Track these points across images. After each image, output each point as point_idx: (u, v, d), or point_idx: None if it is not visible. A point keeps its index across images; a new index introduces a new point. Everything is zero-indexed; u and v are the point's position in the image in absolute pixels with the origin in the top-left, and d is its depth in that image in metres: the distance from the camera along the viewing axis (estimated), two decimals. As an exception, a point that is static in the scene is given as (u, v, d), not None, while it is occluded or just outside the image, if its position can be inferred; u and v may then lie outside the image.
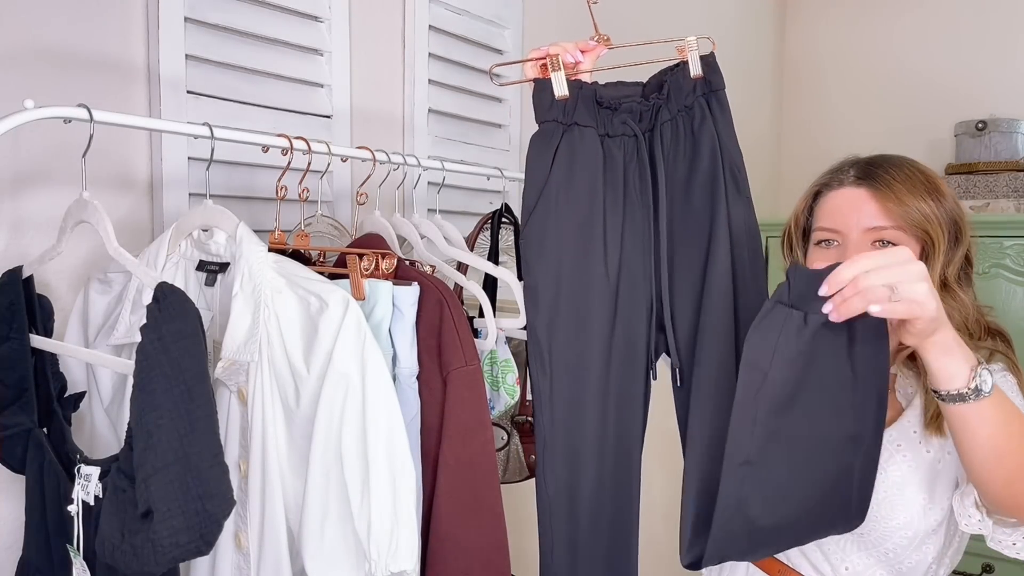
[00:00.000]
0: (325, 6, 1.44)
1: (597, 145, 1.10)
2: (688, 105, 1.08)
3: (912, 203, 1.04)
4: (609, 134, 1.11)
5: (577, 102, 1.09)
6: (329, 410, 0.87)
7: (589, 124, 1.10)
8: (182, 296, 0.80)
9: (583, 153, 1.09)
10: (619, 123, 1.11)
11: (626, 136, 1.11)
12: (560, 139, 1.09)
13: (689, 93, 1.08)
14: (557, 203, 1.09)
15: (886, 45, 2.97)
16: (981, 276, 2.30)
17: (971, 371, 0.85)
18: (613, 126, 1.11)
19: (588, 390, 1.10)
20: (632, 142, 1.11)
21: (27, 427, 0.95)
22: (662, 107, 1.10)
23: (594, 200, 1.09)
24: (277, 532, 0.90)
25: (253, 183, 1.31)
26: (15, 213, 1.07)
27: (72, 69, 1.12)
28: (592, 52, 1.13)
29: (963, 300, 1.06)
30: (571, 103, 1.09)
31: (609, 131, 1.11)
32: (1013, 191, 2.49)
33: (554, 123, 1.10)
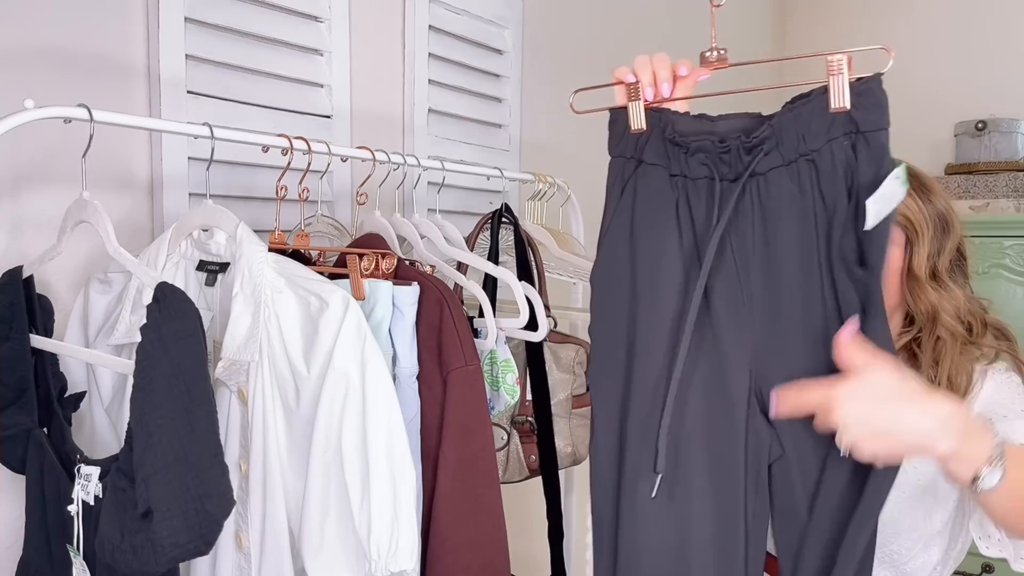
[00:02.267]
0: (325, 6, 1.44)
1: (667, 187, 0.91)
2: (815, 149, 0.83)
3: None
4: (687, 175, 0.91)
5: (650, 137, 0.92)
6: (329, 410, 0.87)
7: (657, 162, 0.92)
8: (182, 296, 0.80)
9: (650, 193, 0.92)
10: (697, 164, 0.90)
11: (709, 179, 0.90)
12: (629, 176, 0.94)
13: (822, 132, 0.83)
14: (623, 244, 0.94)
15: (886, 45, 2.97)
16: (981, 276, 2.31)
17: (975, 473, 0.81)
18: (690, 167, 0.90)
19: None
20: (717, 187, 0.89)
21: (27, 427, 0.95)
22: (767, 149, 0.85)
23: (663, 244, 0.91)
24: (278, 532, 0.90)
25: (253, 183, 1.31)
26: (15, 213, 1.07)
27: (72, 69, 1.12)
28: (687, 81, 0.93)
29: (955, 292, 1.07)
30: (644, 138, 0.92)
31: (687, 172, 0.90)
32: (1013, 191, 2.49)
33: (622, 158, 0.95)
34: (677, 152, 0.90)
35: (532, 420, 1.41)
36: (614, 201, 0.95)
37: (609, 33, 2.18)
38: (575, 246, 1.57)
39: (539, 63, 1.94)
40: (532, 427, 1.41)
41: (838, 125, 0.83)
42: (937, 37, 2.88)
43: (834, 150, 0.83)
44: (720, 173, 0.88)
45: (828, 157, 0.83)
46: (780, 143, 0.85)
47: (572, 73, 2.05)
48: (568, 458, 1.46)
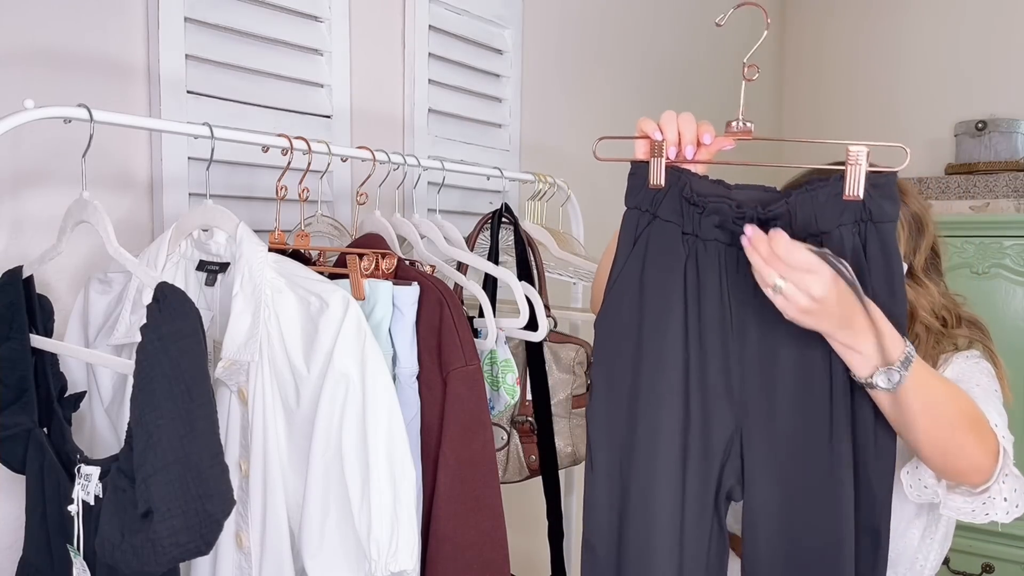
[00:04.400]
0: (325, 6, 1.44)
1: (679, 244, 0.94)
2: (826, 231, 0.88)
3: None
4: (699, 236, 0.94)
5: (668, 192, 0.94)
6: (329, 410, 0.87)
7: (671, 220, 0.94)
8: (182, 296, 0.80)
9: (661, 249, 0.95)
10: (710, 225, 0.93)
11: (720, 243, 0.93)
12: (643, 229, 0.96)
13: (834, 217, 0.87)
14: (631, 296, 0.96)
15: (886, 45, 2.97)
16: (981, 276, 2.31)
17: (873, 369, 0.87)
18: (703, 228, 0.93)
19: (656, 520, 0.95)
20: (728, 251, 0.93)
21: (27, 427, 0.95)
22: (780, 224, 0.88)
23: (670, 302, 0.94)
24: (279, 531, 0.90)
25: (253, 183, 1.32)
26: (15, 213, 1.07)
27: (72, 69, 1.12)
28: (711, 148, 0.94)
29: (930, 289, 1.11)
30: (662, 193, 0.94)
31: (698, 232, 0.94)
32: (1013, 191, 2.49)
33: (637, 210, 0.96)
34: (692, 211, 0.93)
35: (532, 420, 1.41)
36: (625, 252, 0.97)
37: (609, 33, 2.18)
38: (575, 246, 1.57)
39: (539, 63, 1.94)
40: (532, 427, 1.41)
41: (850, 212, 0.87)
42: (937, 37, 2.88)
43: (843, 235, 0.88)
44: (732, 239, 0.92)
45: (837, 240, 0.88)
46: (794, 220, 0.89)
47: (572, 73, 2.06)
48: (568, 458, 1.46)
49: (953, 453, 0.91)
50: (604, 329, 0.99)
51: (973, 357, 1.10)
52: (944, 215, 2.57)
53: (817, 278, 0.82)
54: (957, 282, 2.23)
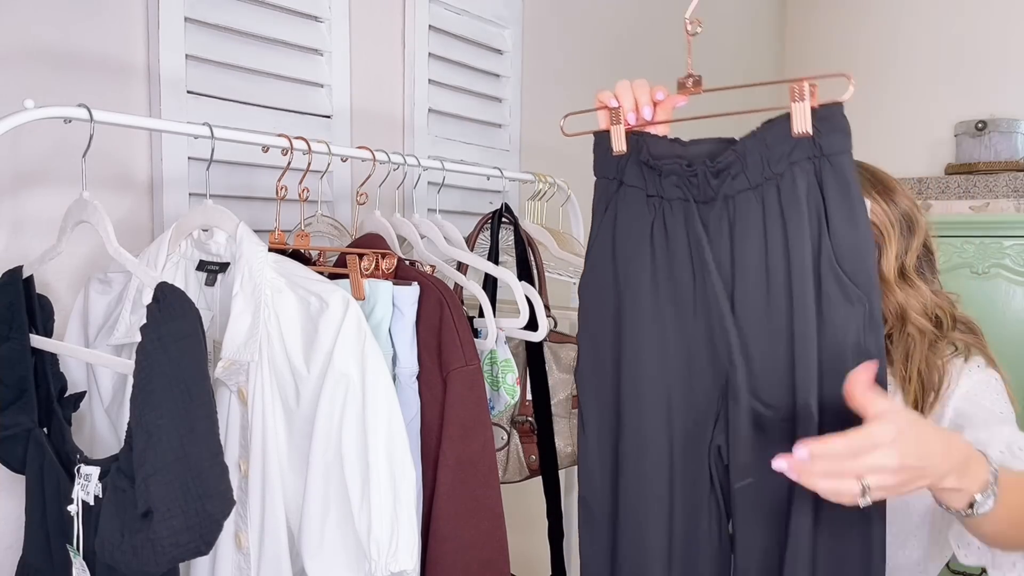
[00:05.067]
0: (325, 6, 1.44)
1: (643, 207, 0.95)
2: (778, 173, 0.86)
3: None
4: (663, 196, 0.95)
5: (629, 159, 0.97)
6: (329, 410, 0.87)
7: (635, 184, 0.96)
8: (182, 296, 0.80)
9: (627, 216, 0.97)
10: (670, 185, 0.94)
11: (683, 201, 0.93)
12: (611, 197, 0.98)
13: (784, 157, 0.86)
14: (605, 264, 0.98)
15: (886, 45, 2.97)
16: (981, 276, 2.31)
17: (970, 500, 0.82)
18: (664, 188, 0.94)
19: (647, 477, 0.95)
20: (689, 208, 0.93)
21: (27, 427, 0.95)
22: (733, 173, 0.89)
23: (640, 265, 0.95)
24: (277, 532, 0.90)
25: (253, 183, 1.31)
26: (15, 213, 1.07)
27: (72, 69, 1.12)
28: (665, 106, 0.97)
29: (922, 289, 1.08)
30: (624, 159, 0.97)
31: (662, 193, 0.95)
32: (1013, 191, 2.49)
33: (605, 179, 0.99)
34: (652, 174, 0.95)
35: (532, 420, 1.41)
36: (598, 219, 1.00)
37: (609, 33, 2.18)
38: (575, 246, 1.57)
39: (539, 63, 1.94)
40: (532, 427, 1.41)
41: (801, 149, 0.85)
42: (937, 37, 2.88)
43: (795, 173, 0.85)
44: (693, 195, 0.92)
45: (790, 182, 0.86)
46: (745, 167, 0.88)
47: (572, 73, 2.06)
48: (568, 458, 1.46)
49: None
50: (584, 294, 1.01)
51: (981, 369, 1.07)
52: (944, 215, 2.57)
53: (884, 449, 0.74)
54: (957, 282, 2.24)
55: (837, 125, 0.85)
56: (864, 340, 0.84)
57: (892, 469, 0.75)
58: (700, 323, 0.93)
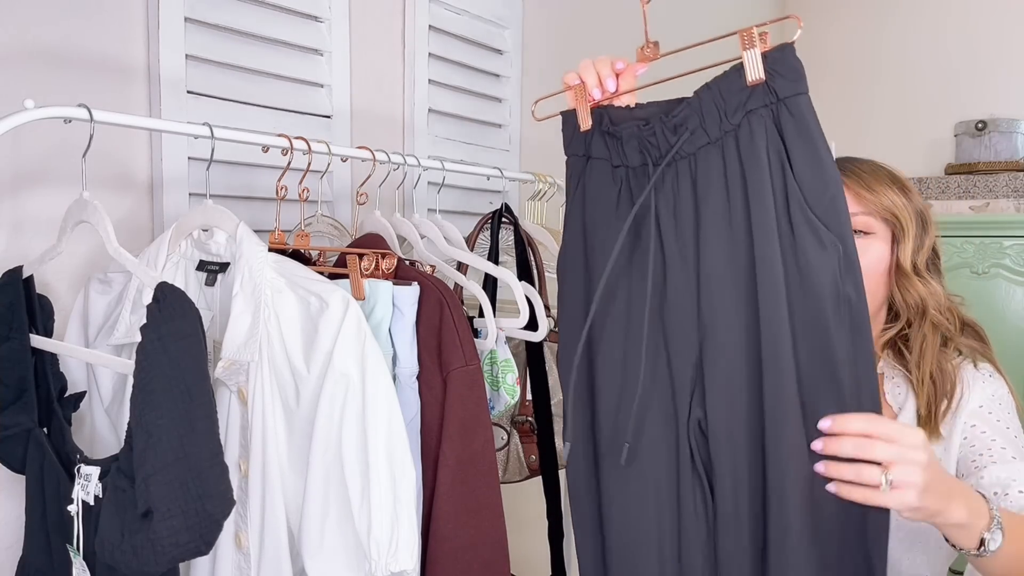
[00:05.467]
0: (325, 6, 1.44)
1: (609, 178, 0.96)
2: (736, 124, 0.85)
3: (880, 190, 1.09)
4: (627, 165, 0.95)
5: (594, 133, 0.97)
6: (329, 410, 0.87)
7: (601, 156, 0.97)
8: (182, 296, 0.80)
9: (595, 189, 0.97)
10: (633, 152, 0.94)
11: (647, 165, 0.93)
12: (581, 173, 0.99)
13: (738, 108, 0.84)
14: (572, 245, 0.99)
15: (886, 45, 2.97)
16: (981, 276, 2.31)
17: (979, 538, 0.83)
18: (627, 156, 0.94)
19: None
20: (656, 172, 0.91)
21: (27, 427, 0.95)
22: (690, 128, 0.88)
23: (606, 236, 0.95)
24: (277, 532, 0.90)
25: (253, 183, 1.31)
26: (15, 213, 1.07)
27: (72, 69, 1.12)
28: (628, 72, 0.98)
29: (936, 288, 1.09)
30: (590, 134, 0.97)
31: (625, 162, 0.95)
32: (1013, 191, 2.49)
33: (575, 156, 1.00)
34: (615, 143, 0.95)
35: (532, 420, 1.41)
36: (570, 197, 1.02)
37: (609, 33, 2.17)
38: (575, 246, 1.57)
39: (539, 63, 1.94)
40: (532, 427, 1.41)
41: (756, 97, 0.83)
42: (937, 37, 2.88)
43: (752, 122, 0.83)
44: (653, 157, 0.91)
45: (747, 132, 0.84)
46: (703, 121, 0.87)
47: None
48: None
49: None
50: (560, 272, 1.02)
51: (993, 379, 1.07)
52: (944, 215, 2.57)
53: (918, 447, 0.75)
54: (957, 282, 2.23)
55: (790, 67, 0.82)
56: (842, 285, 0.81)
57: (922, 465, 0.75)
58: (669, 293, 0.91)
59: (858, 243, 1.04)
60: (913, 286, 1.07)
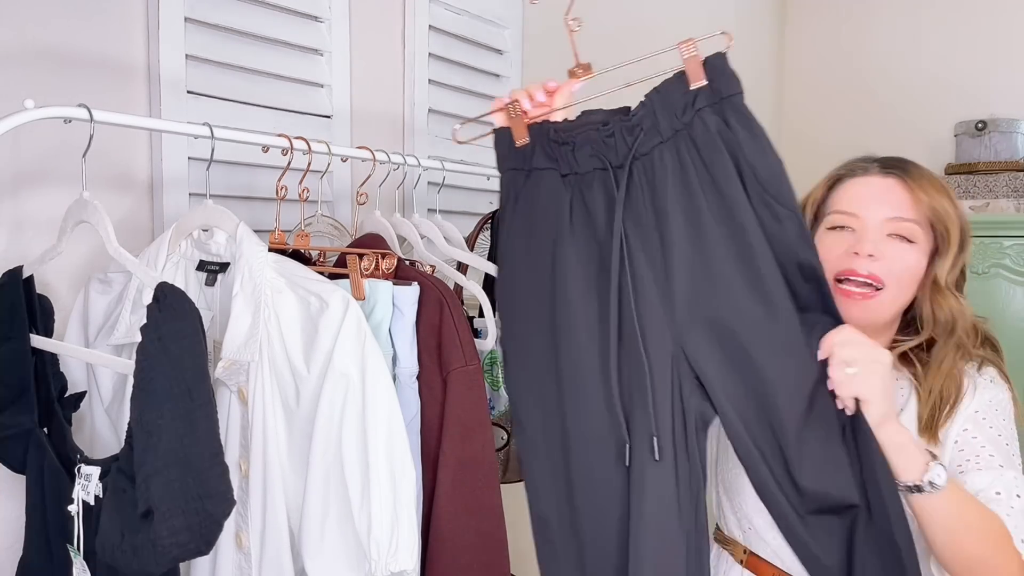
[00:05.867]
0: (325, 6, 1.44)
1: (559, 187, 0.96)
2: (687, 123, 0.91)
3: (937, 198, 1.06)
4: (577, 172, 0.96)
5: (536, 145, 0.98)
6: (329, 410, 0.87)
7: (548, 166, 0.97)
8: (182, 296, 0.80)
9: (544, 199, 0.97)
10: (585, 156, 0.95)
11: (598, 170, 0.95)
12: (520, 188, 0.99)
13: (686, 107, 0.90)
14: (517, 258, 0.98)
15: (886, 45, 2.97)
16: (981, 276, 2.31)
17: (924, 466, 0.89)
18: (579, 162, 0.95)
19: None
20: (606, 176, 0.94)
21: (27, 427, 0.95)
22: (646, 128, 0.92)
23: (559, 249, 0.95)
24: (278, 531, 0.90)
25: (253, 183, 1.31)
26: (15, 213, 1.07)
27: (72, 69, 1.12)
28: (563, 89, 1.02)
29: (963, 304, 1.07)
30: (530, 147, 0.99)
31: (576, 169, 0.96)
32: (1013, 191, 2.49)
33: (512, 171, 1.00)
34: (565, 151, 0.96)
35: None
36: (509, 211, 0.99)
37: (609, 33, 2.17)
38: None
39: (539, 63, 1.94)
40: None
41: (702, 97, 0.90)
42: (937, 37, 2.88)
43: (705, 119, 0.89)
44: (610, 161, 0.94)
45: (701, 126, 0.89)
46: (656, 122, 0.92)
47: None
48: (568, 458, 1.45)
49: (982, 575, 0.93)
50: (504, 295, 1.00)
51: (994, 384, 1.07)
52: (944, 215, 2.57)
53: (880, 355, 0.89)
54: (957, 282, 2.20)
55: (725, 69, 0.89)
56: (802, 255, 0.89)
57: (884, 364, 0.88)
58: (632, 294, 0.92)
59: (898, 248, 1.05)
60: (947, 301, 1.06)
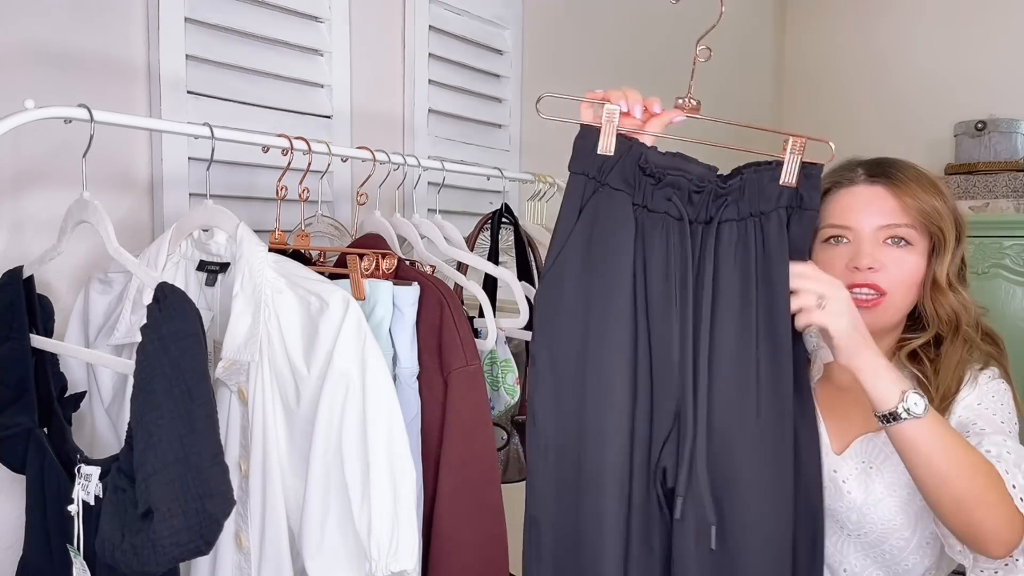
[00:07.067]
0: (325, 6, 1.44)
1: (630, 215, 0.93)
2: (765, 212, 0.92)
3: (926, 199, 1.07)
4: (648, 207, 0.93)
5: (619, 160, 0.93)
6: (329, 410, 0.87)
7: (622, 188, 0.93)
8: (182, 296, 0.80)
9: (610, 219, 0.93)
10: (662, 198, 0.93)
11: (669, 216, 0.93)
12: (588, 197, 0.94)
13: (773, 199, 0.91)
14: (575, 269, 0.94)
15: (886, 45, 2.97)
16: (981, 276, 2.31)
17: (900, 395, 0.90)
18: (654, 199, 0.93)
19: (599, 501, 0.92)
20: (676, 225, 0.93)
21: (27, 427, 0.95)
22: (729, 201, 0.92)
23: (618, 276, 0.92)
24: (278, 532, 0.90)
25: (253, 183, 1.31)
26: (15, 213, 1.07)
27: (72, 69, 1.12)
28: (662, 117, 0.95)
29: (966, 298, 1.08)
30: (612, 160, 0.93)
31: (648, 204, 0.93)
32: (1013, 191, 2.49)
33: (583, 176, 0.95)
34: (645, 182, 0.93)
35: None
36: (570, 220, 0.95)
37: (609, 33, 2.18)
38: (575, 246, 1.56)
39: (539, 63, 1.94)
40: (532, 427, 1.41)
41: (786, 196, 0.92)
42: (937, 37, 2.88)
43: (780, 216, 0.92)
44: (688, 214, 0.93)
45: (776, 221, 0.92)
46: (741, 198, 0.93)
47: (572, 73, 2.06)
48: (568, 458, 1.45)
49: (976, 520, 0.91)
50: (547, 303, 0.95)
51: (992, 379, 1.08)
52: (944, 215, 2.57)
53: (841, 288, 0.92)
54: (957, 282, 2.20)
55: (816, 184, 0.92)
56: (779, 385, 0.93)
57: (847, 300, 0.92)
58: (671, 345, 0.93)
59: (896, 254, 1.06)
60: (948, 300, 1.06)
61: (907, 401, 0.90)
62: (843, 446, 1.11)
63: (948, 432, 0.92)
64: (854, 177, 1.11)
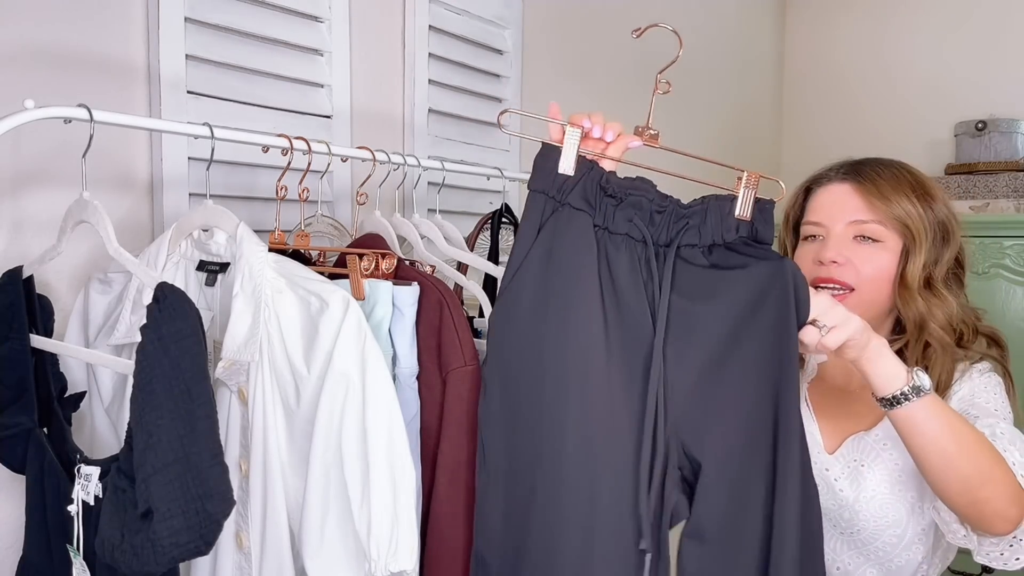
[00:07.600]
0: (325, 6, 1.44)
1: (590, 236, 0.91)
2: (726, 241, 0.91)
3: (895, 199, 1.07)
4: (609, 229, 0.92)
5: (580, 180, 0.92)
6: (329, 410, 0.87)
7: (583, 208, 0.92)
8: (182, 296, 0.80)
9: (569, 240, 0.91)
10: (623, 219, 0.92)
11: (631, 238, 0.92)
12: (548, 216, 0.93)
13: (732, 229, 0.91)
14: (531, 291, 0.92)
15: (886, 45, 2.97)
16: (981, 276, 2.31)
17: (907, 372, 0.90)
18: (615, 221, 0.92)
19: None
20: (639, 247, 0.92)
21: (27, 427, 0.95)
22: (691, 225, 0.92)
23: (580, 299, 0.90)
24: (279, 532, 0.90)
25: (253, 183, 1.31)
26: (15, 213, 1.07)
27: (72, 69, 1.12)
28: (621, 142, 0.95)
29: (947, 300, 1.08)
30: (573, 180, 0.92)
31: (609, 225, 0.92)
32: (1013, 191, 2.49)
33: (543, 195, 0.93)
34: (606, 203, 0.92)
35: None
36: (529, 238, 0.93)
37: (609, 33, 2.18)
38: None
39: (539, 63, 1.94)
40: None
41: (743, 228, 0.92)
42: (937, 37, 2.88)
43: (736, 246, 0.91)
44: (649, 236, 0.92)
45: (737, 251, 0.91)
46: (703, 223, 0.92)
47: (572, 73, 2.06)
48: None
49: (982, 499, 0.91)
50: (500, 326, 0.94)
51: (985, 371, 1.08)
52: (944, 215, 2.57)
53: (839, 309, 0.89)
54: (957, 282, 2.21)
55: (769, 219, 0.91)
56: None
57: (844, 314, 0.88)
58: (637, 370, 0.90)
59: (864, 250, 1.06)
60: (914, 302, 1.06)
61: (918, 378, 0.89)
62: (835, 445, 1.12)
63: (951, 411, 0.92)
64: (831, 176, 1.14)
